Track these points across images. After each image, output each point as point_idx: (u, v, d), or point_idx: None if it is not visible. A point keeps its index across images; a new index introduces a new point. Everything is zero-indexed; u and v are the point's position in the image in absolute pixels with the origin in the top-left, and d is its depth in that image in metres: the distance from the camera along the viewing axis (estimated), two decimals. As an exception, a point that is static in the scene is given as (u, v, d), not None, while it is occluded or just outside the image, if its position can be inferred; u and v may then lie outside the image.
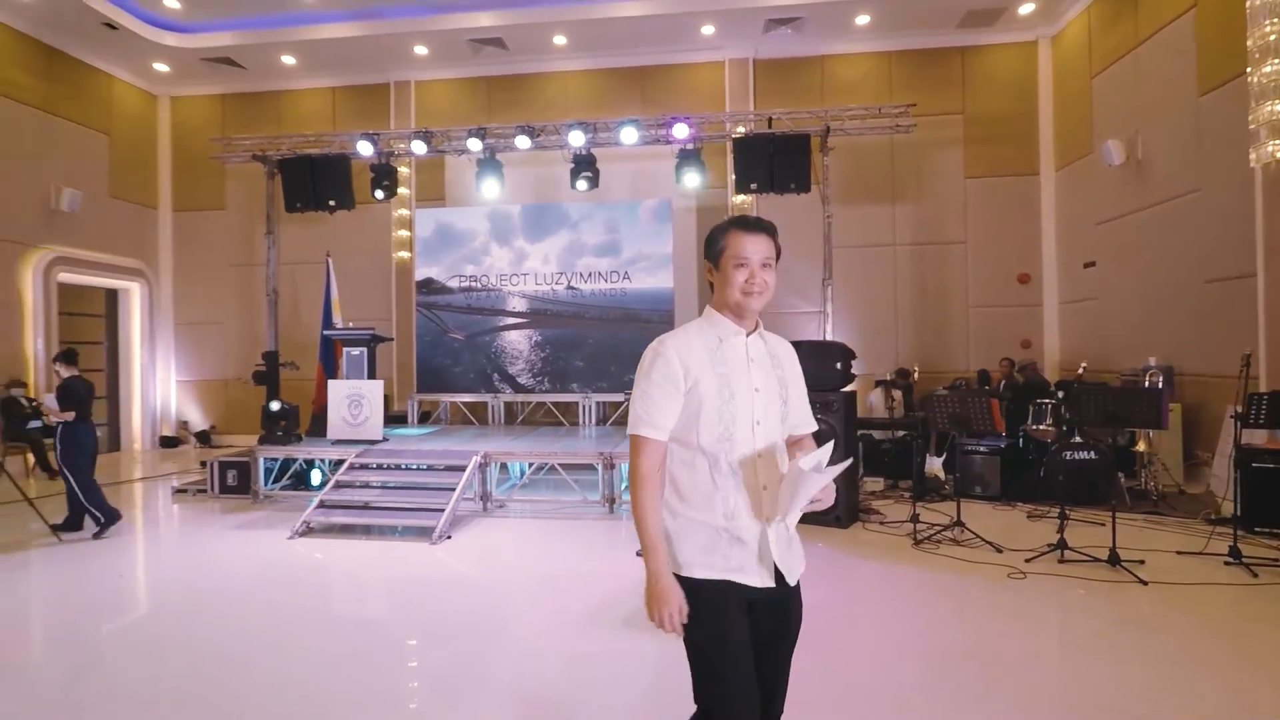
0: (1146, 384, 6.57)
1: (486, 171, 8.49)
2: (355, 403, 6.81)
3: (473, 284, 9.36)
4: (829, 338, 8.20)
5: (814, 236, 8.61)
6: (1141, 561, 4.48)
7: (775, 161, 8.06)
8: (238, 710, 2.82)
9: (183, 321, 11.52)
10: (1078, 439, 5.93)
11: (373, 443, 6.72)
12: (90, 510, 5.54)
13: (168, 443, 11.13)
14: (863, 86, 10.04)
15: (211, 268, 11.34)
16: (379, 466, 6.40)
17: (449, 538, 5.38)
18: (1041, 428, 6.30)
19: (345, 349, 7.35)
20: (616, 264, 8.97)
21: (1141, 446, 6.46)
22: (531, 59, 10.40)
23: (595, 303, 9.04)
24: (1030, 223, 9.96)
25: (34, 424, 8.74)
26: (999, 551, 4.79)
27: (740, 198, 9.48)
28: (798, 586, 1.67)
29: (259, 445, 6.92)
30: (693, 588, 1.58)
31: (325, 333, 8.19)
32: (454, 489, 5.68)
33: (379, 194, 8.65)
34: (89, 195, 10.00)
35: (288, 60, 10.34)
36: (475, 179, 8.61)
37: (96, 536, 5.55)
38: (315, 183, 8.58)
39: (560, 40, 9.90)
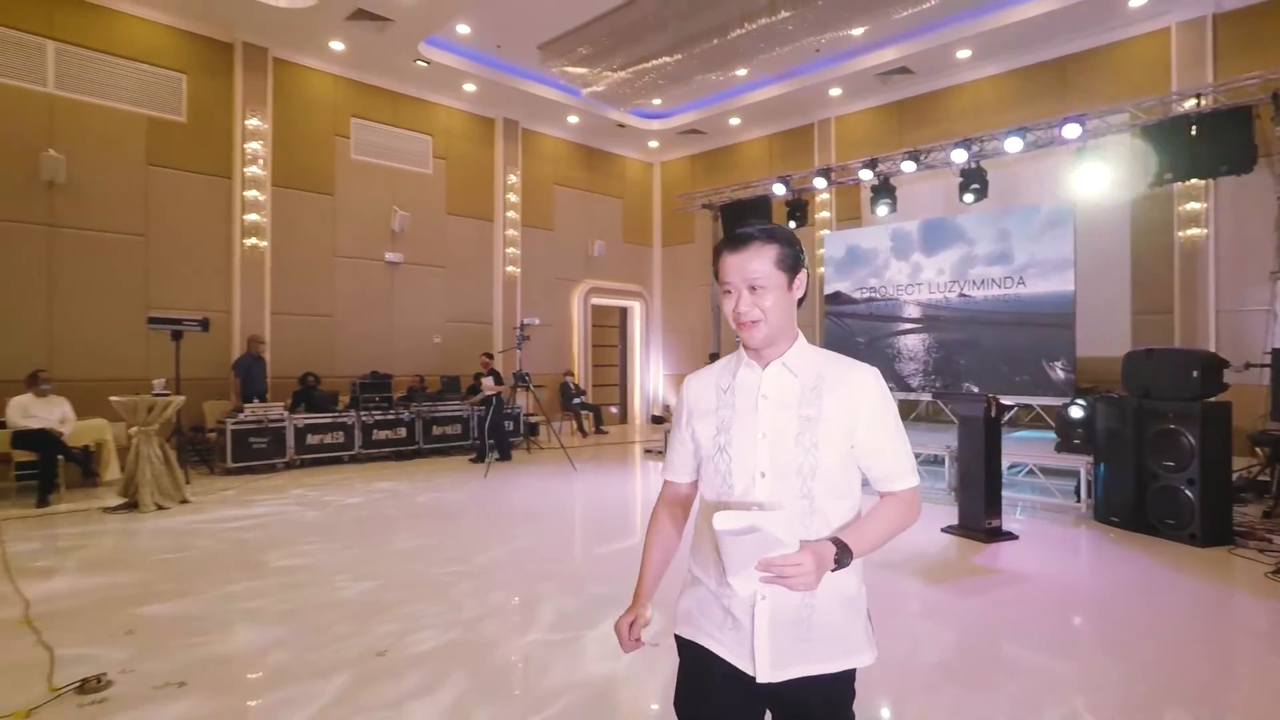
0: None
1: (879, 196, 9.54)
2: (757, 394, 8.75)
3: (873, 294, 10.46)
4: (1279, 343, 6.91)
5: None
6: None
7: (1199, 143, 7.17)
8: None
9: (667, 329, 15.32)
10: None
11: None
12: (490, 446, 9.41)
13: (656, 420, 15.00)
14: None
15: (685, 289, 14.83)
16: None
17: (800, 499, 6.89)
18: None
19: (750, 352, 9.38)
20: (1009, 270, 8.99)
21: None
22: (938, 77, 10.90)
23: (987, 308, 9.22)
24: None
25: (576, 400, 13.14)
26: (1394, 596, 4.04)
27: (1189, 181, 8.40)
28: (836, 683, 1.37)
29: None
30: (679, 646, 1.47)
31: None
32: (812, 464, 7.13)
33: (792, 224, 10.48)
34: (609, 243, 14.34)
35: (734, 121, 13.00)
36: (870, 203, 9.73)
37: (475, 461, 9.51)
38: (744, 220, 10.85)
39: (965, 54, 10.22)
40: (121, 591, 4.21)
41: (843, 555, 1.28)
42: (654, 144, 14.36)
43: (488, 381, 9.58)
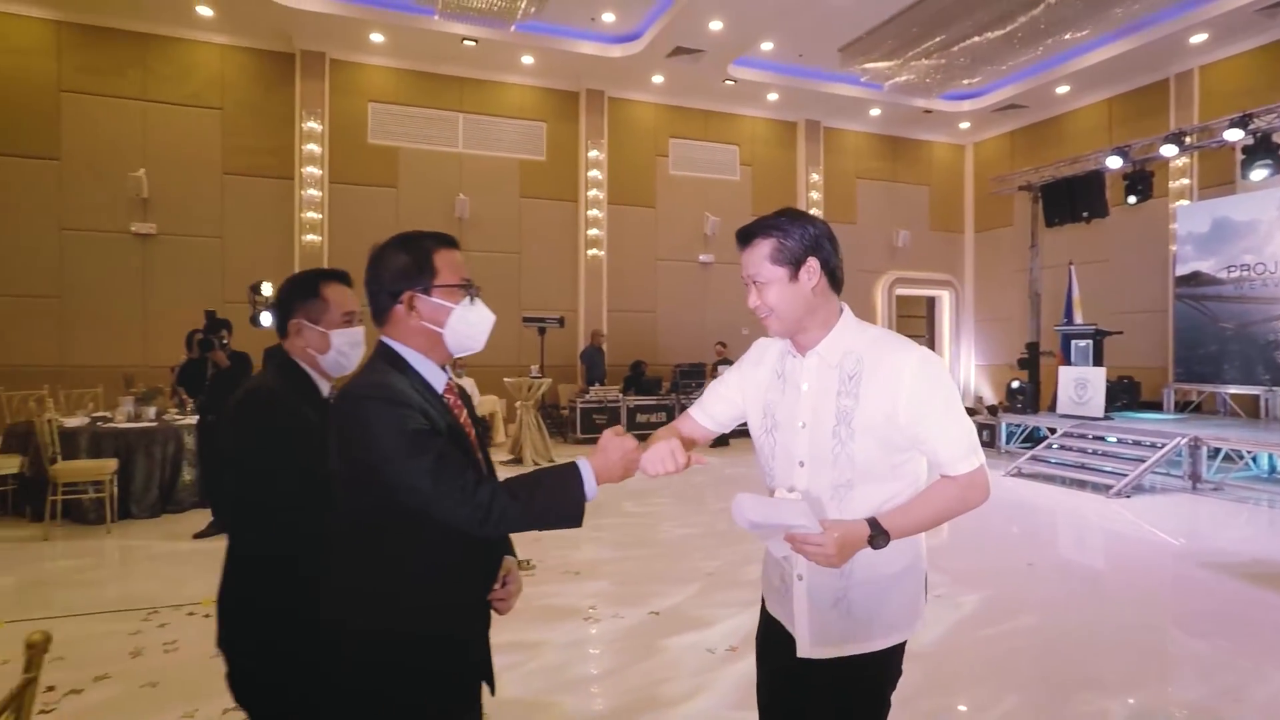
0: None
1: (1255, 158, 8.04)
2: (1080, 385, 8.09)
3: (1247, 273, 8.85)
4: None
5: None
6: None
7: None
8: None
9: (980, 318, 14.45)
10: None
11: (1093, 419, 7.88)
12: None
13: (969, 412, 14.25)
14: None
15: (1002, 275, 13.83)
16: (1091, 436, 7.59)
17: (1127, 496, 6.33)
18: None
19: (1073, 341, 8.62)
20: None
21: None
22: (1352, -3, 8.74)
23: None
24: None
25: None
26: None
27: None
28: (876, 662, 1.39)
29: (1002, 413, 9.04)
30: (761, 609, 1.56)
31: (1056, 328, 9.53)
32: (1145, 461, 6.48)
33: (1131, 199, 9.32)
34: (914, 232, 14.01)
35: (1061, 90, 11.81)
36: (1241, 167, 8.27)
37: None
38: (1071, 199, 9.94)
39: (1394, -38, 8.10)
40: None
41: (877, 537, 1.29)
42: (965, 125, 13.64)
43: (722, 370, 10.27)
